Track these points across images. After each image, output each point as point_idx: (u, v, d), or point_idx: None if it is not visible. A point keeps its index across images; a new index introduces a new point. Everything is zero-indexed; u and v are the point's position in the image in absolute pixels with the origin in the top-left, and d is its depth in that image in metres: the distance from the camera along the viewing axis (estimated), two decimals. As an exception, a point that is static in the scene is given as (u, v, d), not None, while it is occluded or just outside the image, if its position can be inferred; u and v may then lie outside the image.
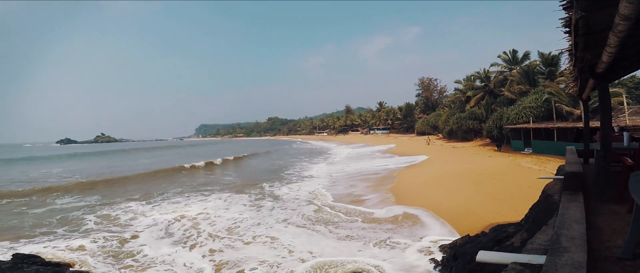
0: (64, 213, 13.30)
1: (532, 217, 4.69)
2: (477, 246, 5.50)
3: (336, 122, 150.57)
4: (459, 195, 12.81)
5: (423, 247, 8.10)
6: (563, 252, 2.28)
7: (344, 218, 11.10)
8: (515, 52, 40.38)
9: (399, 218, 10.53)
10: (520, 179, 14.39)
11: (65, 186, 19.77)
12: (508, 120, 29.32)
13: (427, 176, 17.97)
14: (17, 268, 6.29)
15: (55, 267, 7.08)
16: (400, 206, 11.97)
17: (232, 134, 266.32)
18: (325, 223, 10.62)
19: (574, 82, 6.21)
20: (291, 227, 10.56)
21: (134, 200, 15.59)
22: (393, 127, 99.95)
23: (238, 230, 10.36)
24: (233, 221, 11.48)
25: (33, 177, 26.93)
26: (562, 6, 3.19)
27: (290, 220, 11.32)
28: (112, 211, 13.53)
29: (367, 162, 29.02)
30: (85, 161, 45.41)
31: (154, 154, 59.34)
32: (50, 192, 18.32)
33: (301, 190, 16.99)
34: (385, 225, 10.00)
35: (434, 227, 9.54)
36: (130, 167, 33.47)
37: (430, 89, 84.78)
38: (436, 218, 10.20)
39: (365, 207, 12.45)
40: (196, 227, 10.87)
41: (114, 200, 15.63)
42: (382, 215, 11.06)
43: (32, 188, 18.98)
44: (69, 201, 15.95)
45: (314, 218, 11.30)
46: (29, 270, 6.32)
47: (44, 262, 7.24)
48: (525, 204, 7.17)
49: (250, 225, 10.84)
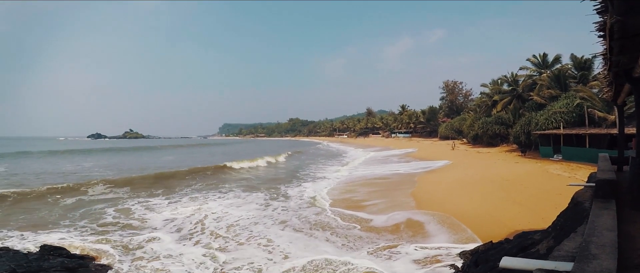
0: (124, 209, 13.69)
1: (560, 225, 4.57)
2: (500, 253, 5.39)
3: (357, 124, 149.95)
4: (482, 201, 12.52)
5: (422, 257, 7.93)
6: (592, 259, 2.24)
7: (342, 224, 11.01)
8: (546, 56, 39.03)
9: (400, 227, 10.30)
10: (548, 186, 13.90)
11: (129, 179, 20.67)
12: (537, 125, 28.33)
13: (450, 181, 17.65)
14: (44, 260, 6.58)
15: (79, 259, 7.33)
16: (415, 211, 11.84)
17: (254, 133, 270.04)
18: (322, 228, 10.56)
19: (608, 87, 6.00)
20: (288, 230, 10.60)
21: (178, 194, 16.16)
22: (415, 131, 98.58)
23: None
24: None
25: (87, 168, 28.87)
26: (596, 10, 3.12)
27: (289, 222, 11.41)
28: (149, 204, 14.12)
29: (387, 166, 28.78)
30: (132, 156, 46.40)
31: (196, 151, 60.79)
32: (114, 184, 19.01)
33: (305, 192, 17.06)
34: (385, 235, 9.85)
35: (439, 234, 9.37)
36: (184, 162, 34.63)
37: (455, 93, 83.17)
38: (441, 226, 10.01)
39: (378, 213, 12.38)
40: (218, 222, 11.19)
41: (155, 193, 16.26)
42: (388, 223, 10.93)
43: (87, 181, 19.40)
44: (130, 198, 16.48)
45: (313, 221, 11.38)
46: (54, 262, 6.60)
47: (69, 254, 7.52)
48: (552, 211, 6.95)
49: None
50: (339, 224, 10.91)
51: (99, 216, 12.43)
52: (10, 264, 5.93)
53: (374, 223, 10.84)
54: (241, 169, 28.54)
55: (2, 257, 6.18)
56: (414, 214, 11.49)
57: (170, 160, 38.97)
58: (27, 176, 22.97)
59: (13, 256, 6.37)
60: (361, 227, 10.54)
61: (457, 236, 9.06)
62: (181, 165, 31.33)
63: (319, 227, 10.72)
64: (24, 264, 6.08)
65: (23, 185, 18.17)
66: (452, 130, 62.35)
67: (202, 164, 30.66)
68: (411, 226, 10.25)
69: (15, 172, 25.44)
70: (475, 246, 7.61)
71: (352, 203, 14.04)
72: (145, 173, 23.68)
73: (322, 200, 14.72)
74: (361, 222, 11.05)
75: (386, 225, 10.53)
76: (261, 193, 16.78)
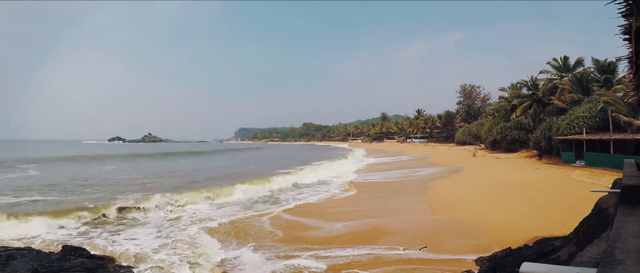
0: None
1: (582, 231, 4.43)
2: (519, 259, 5.25)
3: (371, 129, 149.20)
4: (501, 207, 12.24)
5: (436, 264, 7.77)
6: (617, 264, 2.17)
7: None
8: (567, 59, 38.01)
9: (413, 233, 10.18)
10: (570, 192, 13.49)
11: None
12: (558, 130, 27.55)
13: (466, 186, 17.35)
14: (65, 260, 6.74)
15: (98, 259, 7.48)
16: (430, 217, 11.65)
17: (269, 138, 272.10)
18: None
19: (634, 91, 5.81)
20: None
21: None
22: (431, 136, 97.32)
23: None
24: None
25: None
26: (621, 13, 3.06)
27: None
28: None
29: (401, 171, 28.51)
30: (178, 163, 44.18)
31: (234, 157, 58.88)
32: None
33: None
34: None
35: (454, 240, 9.15)
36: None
37: (472, 97, 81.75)
38: (455, 231, 9.81)
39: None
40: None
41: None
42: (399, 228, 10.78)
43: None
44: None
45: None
46: (75, 262, 6.76)
47: (89, 254, 7.68)
48: (574, 218, 6.74)
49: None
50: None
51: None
52: (33, 263, 6.10)
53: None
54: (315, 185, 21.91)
55: (25, 256, 6.36)
56: (430, 220, 11.34)
57: (223, 167, 36.95)
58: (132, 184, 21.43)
59: (36, 256, 6.54)
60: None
61: (473, 242, 8.85)
62: (244, 172, 29.84)
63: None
64: (46, 264, 6.26)
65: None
66: (469, 136, 61.25)
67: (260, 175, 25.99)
68: (424, 231, 10.10)
69: (110, 181, 23.13)
70: (492, 252, 7.45)
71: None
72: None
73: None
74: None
75: (398, 230, 10.41)
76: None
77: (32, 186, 19.95)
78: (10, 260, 6.08)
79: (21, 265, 5.94)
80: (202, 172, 30.14)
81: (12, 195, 16.87)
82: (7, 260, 6.06)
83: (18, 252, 6.47)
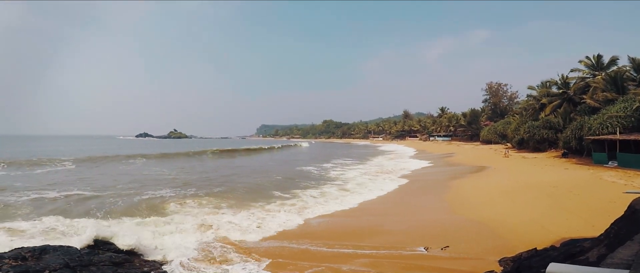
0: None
1: (614, 232, 4.36)
2: (546, 260, 5.19)
3: (393, 126, 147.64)
4: (527, 207, 11.95)
5: (456, 263, 7.68)
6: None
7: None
8: (600, 57, 36.39)
9: (432, 232, 10.07)
10: (601, 193, 13.00)
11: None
12: (590, 130, 26.46)
13: (491, 186, 16.98)
14: (94, 254, 7.05)
15: (126, 254, 7.70)
16: (451, 215, 11.51)
17: (289, 135, 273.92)
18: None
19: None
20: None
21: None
22: (455, 134, 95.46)
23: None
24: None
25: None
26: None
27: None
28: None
29: (425, 170, 28.16)
30: (235, 161, 41.02)
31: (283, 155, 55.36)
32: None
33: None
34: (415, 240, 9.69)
35: (476, 240, 9.00)
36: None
37: (499, 95, 79.63)
38: (477, 231, 9.65)
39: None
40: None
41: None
42: (418, 228, 10.71)
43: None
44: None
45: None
46: (103, 257, 7.05)
47: (117, 249, 7.90)
48: (605, 219, 6.54)
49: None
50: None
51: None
52: (64, 258, 6.43)
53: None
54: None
55: (57, 250, 6.69)
56: (451, 219, 11.25)
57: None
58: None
59: (67, 250, 6.85)
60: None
61: (496, 243, 8.67)
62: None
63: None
64: (76, 258, 6.57)
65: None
66: (495, 134, 59.71)
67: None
68: (446, 231, 10.02)
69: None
70: (517, 253, 7.33)
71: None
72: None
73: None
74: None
75: (414, 230, 10.38)
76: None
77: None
78: (43, 254, 6.44)
79: (53, 260, 6.27)
80: (247, 172, 27.08)
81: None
82: (40, 254, 6.42)
83: (51, 247, 6.81)
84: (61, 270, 6.07)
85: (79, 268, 6.31)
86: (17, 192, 15.89)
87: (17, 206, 13.09)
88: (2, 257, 6.14)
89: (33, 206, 13.12)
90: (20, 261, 6.09)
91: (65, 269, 6.14)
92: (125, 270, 6.84)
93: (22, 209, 12.59)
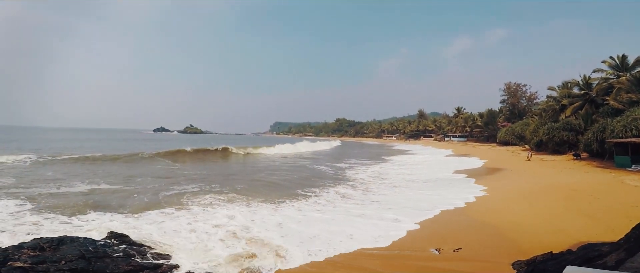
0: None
1: (634, 237, 4.18)
2: (562, 263, 5.02)
3: (407, 126, 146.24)
4: (544, 210, 11.63)
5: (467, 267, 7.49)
6: (671, 272, 2.08)
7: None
8: (625, 58, 35.18)
9: (443, 237, 9.89)
10: (623, 198, 12.55)
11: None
12: (613, 132, 25.59)
13: (507, 188, 16.60)
14: (109, 246, 7.20)
15: (139, 246, 7.78)
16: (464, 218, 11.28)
17: (302, 132, 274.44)
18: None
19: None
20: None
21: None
22: (471, 135, 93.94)
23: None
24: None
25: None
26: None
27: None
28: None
29: (435, 170, 27.78)
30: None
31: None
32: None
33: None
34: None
35: (489, 244, 8.76)
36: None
37: (518, 96, 77.95)
38: (491, 234, 9.40)
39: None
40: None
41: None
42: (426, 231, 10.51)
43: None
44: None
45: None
46: (118, 249, 7.18)
47: (131, 241, 8.00)
48: (625, 224, 6.32)
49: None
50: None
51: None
52: (80, 249, 6.58)
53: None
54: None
55: (74, 241, 6.86)
56: (465, 220, 11.04)
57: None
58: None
59: (83, 241, 6.99)
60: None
61: (510, 245, 8.48)
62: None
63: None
64: (91, 249, 6.72)
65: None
66: (512, 136, 58.45)
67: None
68: (459, 232, 9.86)
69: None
70: (531, 256, 7.13)
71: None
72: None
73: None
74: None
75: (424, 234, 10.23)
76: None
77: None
78: (61, 245, 6.60)
79: (70, 250, 6.44)
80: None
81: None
82: (58, 245, 6.58)
83: (69, 238, 6.98)
84: (77, 261, 6.22)
85: (93, 260, 6.45)
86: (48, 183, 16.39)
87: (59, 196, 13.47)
88: (21, 247, 6.33)
89: (64, 199, 13.28)
90: (38, 251, 6.26)
91: (80, 260, 6.29)
92: (137, 262, 6.97)
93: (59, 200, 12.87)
